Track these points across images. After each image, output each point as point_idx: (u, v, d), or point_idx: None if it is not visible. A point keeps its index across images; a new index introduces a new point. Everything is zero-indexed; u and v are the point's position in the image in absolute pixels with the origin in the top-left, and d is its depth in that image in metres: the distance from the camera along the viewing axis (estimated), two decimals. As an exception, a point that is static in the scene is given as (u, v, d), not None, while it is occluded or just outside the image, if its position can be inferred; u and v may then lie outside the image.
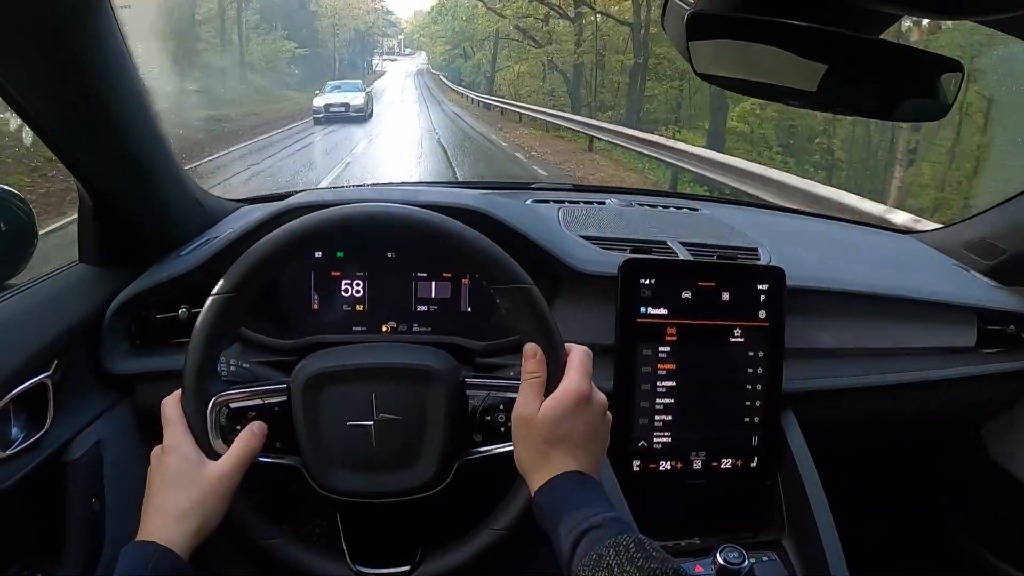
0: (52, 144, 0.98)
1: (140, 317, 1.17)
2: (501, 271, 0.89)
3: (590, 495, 0.81)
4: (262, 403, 0.93)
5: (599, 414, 0.87)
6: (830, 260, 1.47)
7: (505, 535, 0.93)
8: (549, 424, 0.84)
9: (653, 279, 1.17)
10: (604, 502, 0.81)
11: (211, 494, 0.84)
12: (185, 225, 1.25)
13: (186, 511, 0.82)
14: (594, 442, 0.87)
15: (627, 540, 0.73)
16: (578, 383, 0.86)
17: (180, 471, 0.85)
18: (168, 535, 0.80)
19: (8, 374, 0.93)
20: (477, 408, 0.95)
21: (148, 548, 0.79)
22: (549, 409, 0.84)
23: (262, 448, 0.90)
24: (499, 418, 0.94)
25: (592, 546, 0.73)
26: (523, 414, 0.86)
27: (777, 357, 1.20)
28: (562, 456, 0.84)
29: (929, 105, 0.81)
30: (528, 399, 0.86)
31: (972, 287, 1.49)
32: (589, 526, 0.76)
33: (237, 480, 0.87)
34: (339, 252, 1.21)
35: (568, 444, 0.84)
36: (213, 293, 0.88)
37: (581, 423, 0.85)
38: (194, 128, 14.53)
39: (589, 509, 0.78)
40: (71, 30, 0.82)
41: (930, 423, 1.49)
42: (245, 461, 0.87)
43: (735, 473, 1.21)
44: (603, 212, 1.56)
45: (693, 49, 0.73)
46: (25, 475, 0.95)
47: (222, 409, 0.90)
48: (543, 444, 0.84)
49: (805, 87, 0.76)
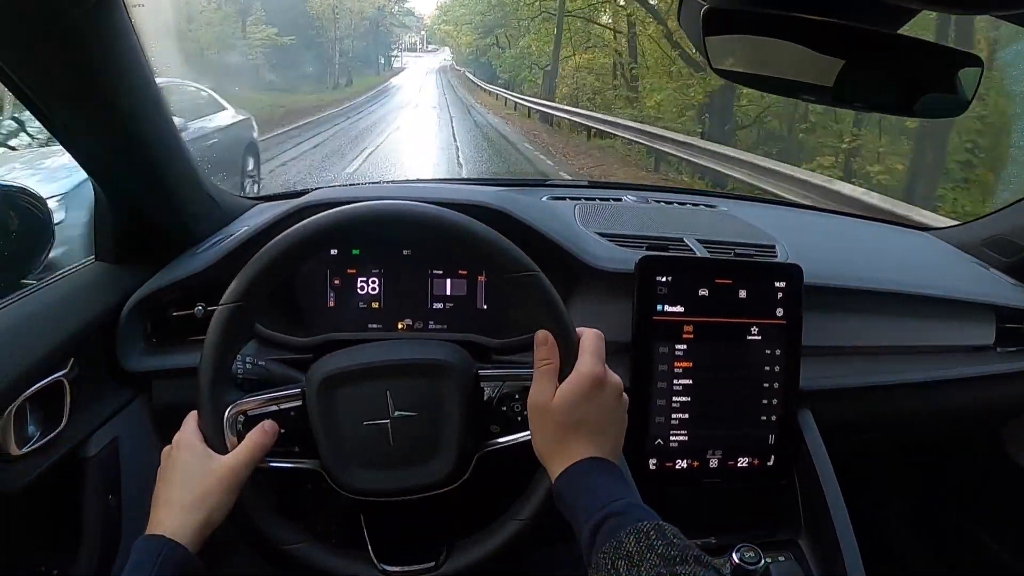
0: (67, 143, 0.99)
1: (156, 315, 1.17)
2: (507, 260, 0.89)
3: (609, 481, 0.81)
4: (278, 408, 0.93)
5: (615, 396, 0.87)
6: (847, 257, 1.46)
7: (530, 524, 0.93)
8: (565, 410, 0.84)
9: (670, 276, 1.16)
10: (623, 487, 0.81)
11: (217, 487, 0.84)
12: (200, 223, 1.25)
13: (192, 504, 0.83)
14: (612, 425, 0.86)
15: (647, 527, 0.72)
16: (591, 366, 0.85)
17: (188, 465, 0.86)
18: (175, 527, 0.81)
19: (24, 372, 0.93)
20: (492, 399, 0.96)
21: (156, 541, 0.80)
22: (564, 394, 0.84)
23: (276, 453, 0.91)
24: (515, 407, 0.94)
25: (612, 533, 0.73)
26: (538, 401, 0.86)
27: (794, 355, 1.19)
28: (580, 442, 0.83)
29: (948, 100, 0.80)
30: (542, 386, 0.86)
31: (991, 285, 1.48)
32: (609, 513, 0.76)
33: (245, 476, 0.87)
34: (355, 250, 1.21)
35: (585, 429, 0.84)
36: (220, 303, 0.88)
37: (596, 406, 0.84)
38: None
39: (608, 495, 0.78)
40: (85, 29, 0.82)
41: (948, 422, 1.48)
42: (255, 458, 0.88)
43: (752, 472, 1.21)
44: (620, 209, 1.55)
45: (709, 44, 0.73)
46: (42, 472, 0.96)
47: (239, 416, 0.91)
48: (560, 431, 0.84)
49: (822, 82, 0.75)
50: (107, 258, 1.18)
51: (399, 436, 0.92)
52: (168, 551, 0.79)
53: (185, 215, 1.21)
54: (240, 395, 0.93)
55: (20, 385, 0.93)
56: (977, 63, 0.79)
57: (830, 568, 1.14)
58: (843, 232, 1.78)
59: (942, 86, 0.80)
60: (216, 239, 1.24)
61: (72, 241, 2.74)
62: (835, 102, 0.80)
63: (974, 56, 0.79)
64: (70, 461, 1.03)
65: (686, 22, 0.77)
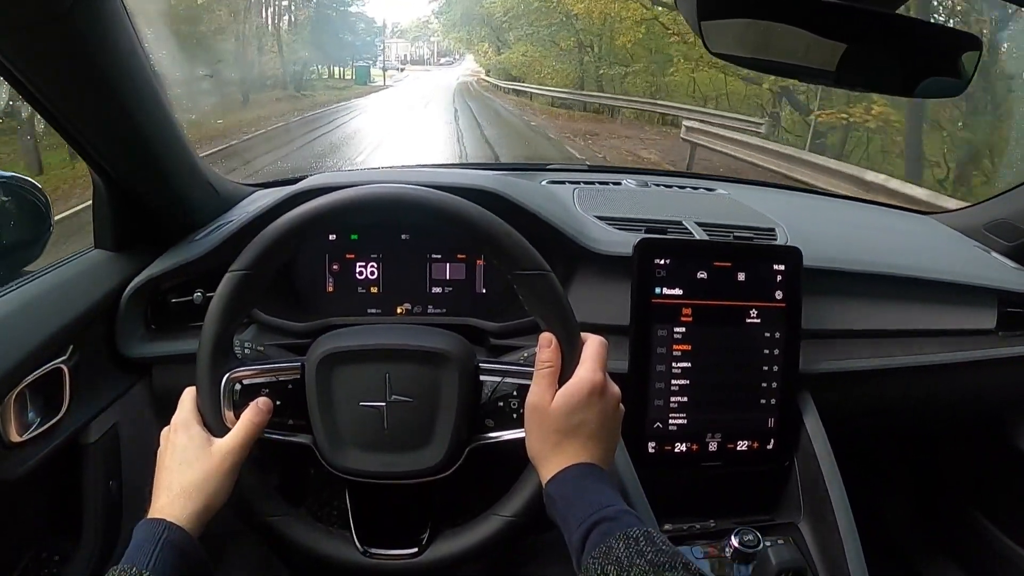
0: (63, 131, 0.98)
1: (155, 301, 1.18)
2: (520, 257, 0.89)
3: (601, 487, 0.81)
4: (275, 380, 0.93)
5: (612, 406, 0.87)
6: (848, 240, 1.46)
7: (513, 522, 0.93)
8: (562, 414, 0.84)
9: (669, 259, 1.16)
10: (614, 494, 0.81)
11: (216, 471, 0.85)
12: (199, 210, 1.25)
13: (192, 489, 0.83)
14: (606, 433, 0.86)
15: (637, 533, 0.73)
16: (592, 374, 0.85)
17: (186, 450, 0.86)
18: (176, 512, 0.81)
19: (24, 359, 0.94)
20: (490, 393, 0.95)
21: (157, 525, 0.80)
22: (563, 399, 0.84)
23: (269, 424, 0.91)
24: (512, 404, 0.94)
25: (602, 538, 0.73)
26: (536, 403, 0.85)
27: (794, 338, 1.19)
28: (574, 447, 0.83)
29: (948, 82, 0.80)
30: (542, 388, 0.86)
31: (993, 268, 1.47)
32: (600, 518, 0.76)
33: (242, 457, 0.87)
34: (353, 235, 1.21)
35: (581, 435, 0.84)
36: (230, 270, 0.88)
37: (594, 414, 0.84)
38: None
39: (600, 501, 0.78)
40: (81, 17, 0.82)
41: (948, 406, 1.48)
42: (250, 438, 0.88)
43: (751, 455, 1.21)
44: (618, 192, 1.55)
45: (705, 28, 0.72)
46: (43, 459, 0.96)
47: (235, 385, 0.90)
48: (555, 434, 0.84)
49: (824, 65, 0.75)
50: (106, 245, 1.18)
51: (394, 420, 0.92)
52: (170, 534, 0.79)
53: (183, 202, 1.21)
54: (239, 364, 0.93)
55: (20, 372, 0.93)
56: (976, 45, 0.78)
57: (829, 552, 1.15)
58: (843, 215, 1.78)
59: (944, 68, 0.79)
60: (214, 226, 1.24)
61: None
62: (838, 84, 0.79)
63: (974, 37, 0.78)
64: (71, 447, 1.03)
65: (683, 5, 0.76)
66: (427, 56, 55.96)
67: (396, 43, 53.80)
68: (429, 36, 52.59)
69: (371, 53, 39.26)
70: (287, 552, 0.94)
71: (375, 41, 41.21)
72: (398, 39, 53.84)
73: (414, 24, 52.38)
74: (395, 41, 53.61)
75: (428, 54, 56.27)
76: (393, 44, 53.22)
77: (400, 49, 54.61)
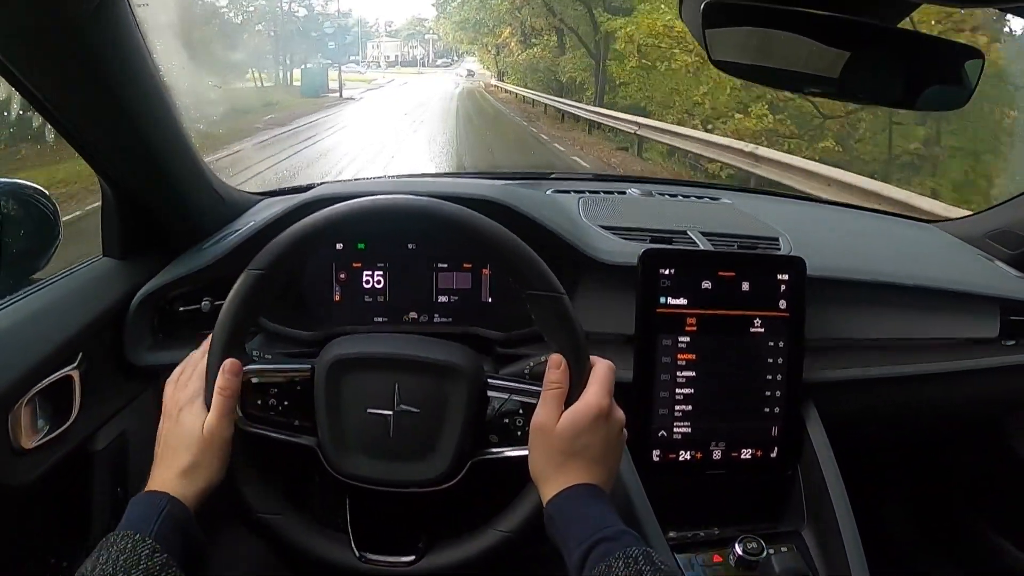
0: (72, 140, 0.99)
1: (163, 310, 1.18)
2: (535, 277, 0.89)
3: (602, 508, 0.82)
4: (284, 379, 0.93)
5: (617, 430, 0.88)
6: (851, 250, 1.46)
7: (510, 538, 0.93)
8: (567, 436, 0.84)
9: (673, 269, 1.16)
10: (615, 516, 0.81)
11: (207, 451, 0.85)
12: (207, 218, 1.26)
13: (188, 469, 0.84)
14: (610, 456, 0.88)
15: (636, 553, 0.74)
16: (599, 398, 0.86)
17: (180, 435, 0.87)
18: (175, 488, 0.82)
19: (34, 367, 0.95)
20: (496, 410, 0.95)
21: (159, 498, 0.81)
22: (568, 421, 0.85)
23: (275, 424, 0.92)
24: (517, 422, 0.94)
25: (602, 558, 0.74)
26: (542, 423, 0.86)
27: (797, 347, 1.19)
28: (577, 469, 0.84)
29: (951, 93, 0.81)
30: (549, 409, 0.86)
31: (995, 277, 1.47)
32: (600, 538, 0.76)
33: (229, 433, 0.87)
34: (360, 244, 1.22)
35: (584, 458, 0.85)
36: (248, 269, 0.89)
37: (599, 438, 0.85)
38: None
39: (600, 521, 0.79)
40: (90, 26, 0.83)
41: (951, 414, 1.48)
42: (228, 408, 0.88)
43: (755, 463, 1.21)
44: (623, 202, 1.56)
45: (709, 37, 0.73)
46: (51, 466, 0.97)
47: (245, 383, 0.91)
48: (559, 455, 0.85)
49: (827, 75, 0.75)
50: (114, 254, 1.18)
51: (399, 429, 0.92)
52: (171, 507, 0.80)
53: (191, 211, 1.22)
54: (249, 360, 0.93)
55: (30, 380, 0.94)
56: (978, 55, 0.79)
57: (832, 560, 1.15)
58: (846, 224, 1.78)
59: (948, 79, 0.80)
60: (222, 234, 1.25)
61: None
62: (840, 95, 0.80)
63: (975, 49, 0.79)
64: (79, 454, 1.04)
65: (687, 14, 0.77)
66: (420, 57, 52.33)
67: (383, 43, 51.37)
68: (424, 34, 49.61)
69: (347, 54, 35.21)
70: (283, 553, 0.94)
71: (344, 38, 36.12)
72: (390, 39, 51.69)
73: (408, 23, 50.34)
74: (383, 41, 51.25)
75: (423, 54, 52.60)
76: (380, 44, 50.80)
77: (387, 49, 52.00)
